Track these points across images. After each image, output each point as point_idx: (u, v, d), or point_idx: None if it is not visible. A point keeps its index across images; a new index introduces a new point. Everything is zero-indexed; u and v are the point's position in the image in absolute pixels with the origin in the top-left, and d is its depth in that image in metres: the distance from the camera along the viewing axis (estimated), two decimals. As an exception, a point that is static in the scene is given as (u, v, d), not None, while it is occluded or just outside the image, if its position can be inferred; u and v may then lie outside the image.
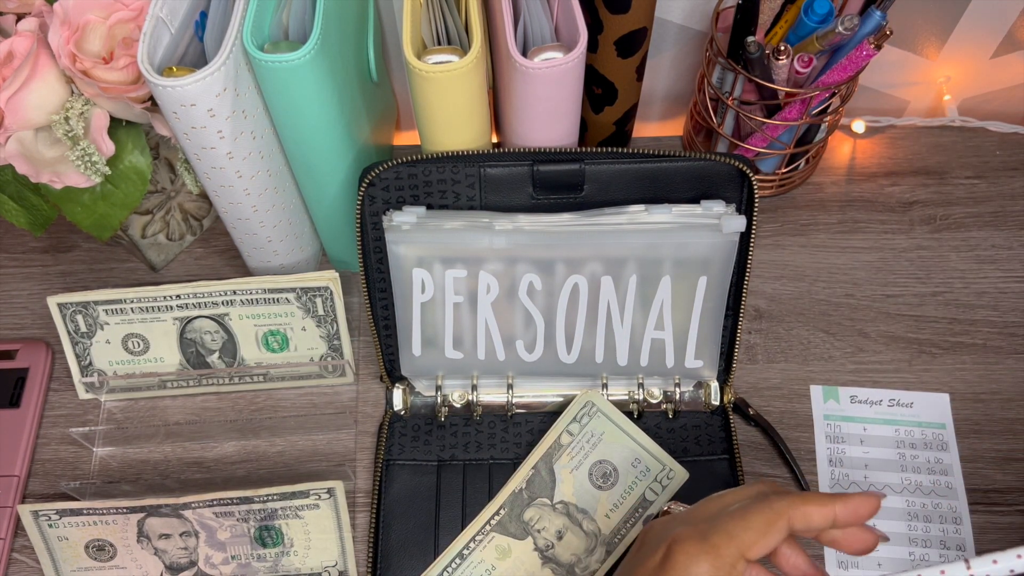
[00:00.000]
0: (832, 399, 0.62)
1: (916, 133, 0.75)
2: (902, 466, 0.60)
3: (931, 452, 0.60)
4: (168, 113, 0.49)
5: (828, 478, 0.60)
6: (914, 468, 0.60)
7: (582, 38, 0.50)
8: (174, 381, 0.63)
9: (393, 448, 0.60)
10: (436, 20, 0.54)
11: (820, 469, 0.60)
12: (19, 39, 0.53)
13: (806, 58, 0.59)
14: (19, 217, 0.60)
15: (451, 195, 0.56)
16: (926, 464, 0.60)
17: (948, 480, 0.59)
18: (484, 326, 0.59)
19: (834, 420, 0.62)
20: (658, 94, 0.75)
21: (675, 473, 0.57)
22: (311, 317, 0.61)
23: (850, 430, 0.61)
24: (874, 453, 0.61)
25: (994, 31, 0.69)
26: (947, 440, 0.61)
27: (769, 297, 0.67)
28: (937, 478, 0.60)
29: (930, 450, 0.60)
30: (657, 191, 0.56)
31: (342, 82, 0.53)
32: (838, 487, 0.59)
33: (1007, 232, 0.70)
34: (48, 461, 0.62)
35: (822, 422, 0.62)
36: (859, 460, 0.60)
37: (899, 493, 0.59)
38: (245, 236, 0.61)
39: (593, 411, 0.59)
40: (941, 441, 0.61)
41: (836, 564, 0.57)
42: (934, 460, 0.60)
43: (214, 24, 0.52)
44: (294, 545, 0.57)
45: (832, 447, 0.61)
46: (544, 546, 0.56)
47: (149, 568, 0.56)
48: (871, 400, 0.62)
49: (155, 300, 0.60)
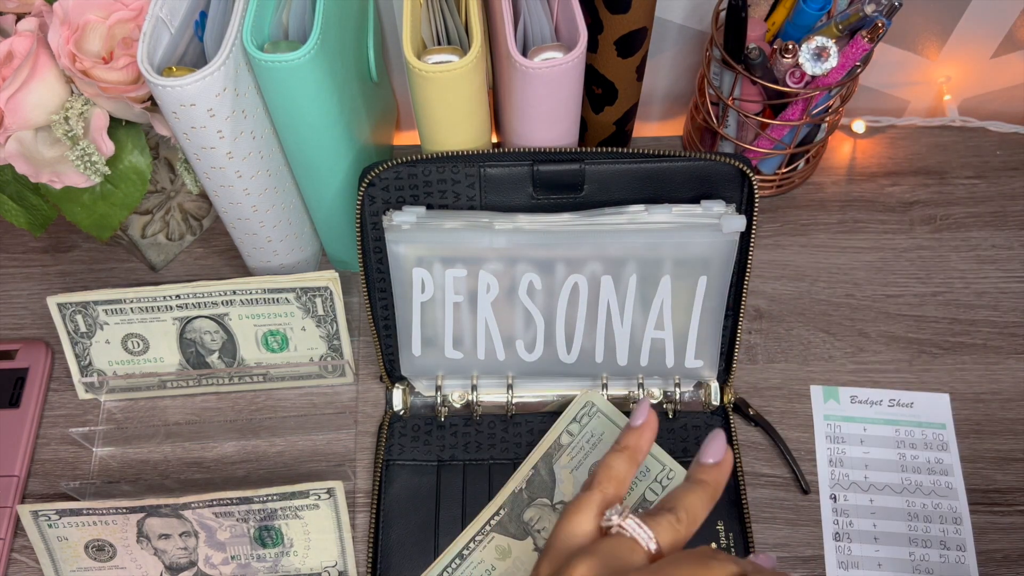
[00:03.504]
0: (832, 399, 0.63)
1: (916, 133, 0.75)
2: (902, 466, 0.60)
3: (931, 452, 0.60)
4: (168, 113, 0.49)
5: (828, 478, 0.60)
6: (914, 468, 0.60)
7: (582, 38, 0.50)
8: (174, 381, 0.63)
9: (393, 448, 0.60)
10: (436, 20, 0.54)
11: (820, 469, 0.60)
12: (19, 39, 0.53)
13: (798, 74, 0.59)
14: (19, 217, 0.60)
15: (451, 195, 0.56)
16: (926, 464, 0.60)
17: (948, 480, 0.59)
18: (484, 326, 0.59)
19: (834, 420, 0.62)
20: (658, 94, 0.75)
21: (675, 473, 0.57)
22: (311, 317, 0.61)
23: (850, 430, 0.61)
24: (874, 453, 0.61)
25: (994, 31, 0.69)
26: (947, 440, 0.61)
27: (769, 297, 0.67)
28: (937, 478, 0.60)
29: (930, 450, 0.60)
30: (657, 191, 0.56)
31: (342, 82, 0.53)
32: (838, 487, 0.59)
33: (1007, 232, 0.70)
34: (48, 461, 0.62)
35: (822, 422, 0.62)
36: (859, 460, 0.60)
37: (899, 493, 0.59)
38: (245, 236, 0.61)
39: (593, 411, 0.59)
40: (941, 441, 0.61)
41: (837, 565, 0.57)
42: (934, 460, 0.60)
43: (214, 24, 0.52)
44: (294, 545, 0.57)
45: (832, 447, 0.61)
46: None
47: (149, 568, 0.56)
48: (871, 400, 0.62)
49: (155, 300, 0.60)
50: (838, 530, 0.58)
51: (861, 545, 0.58)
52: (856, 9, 0.57)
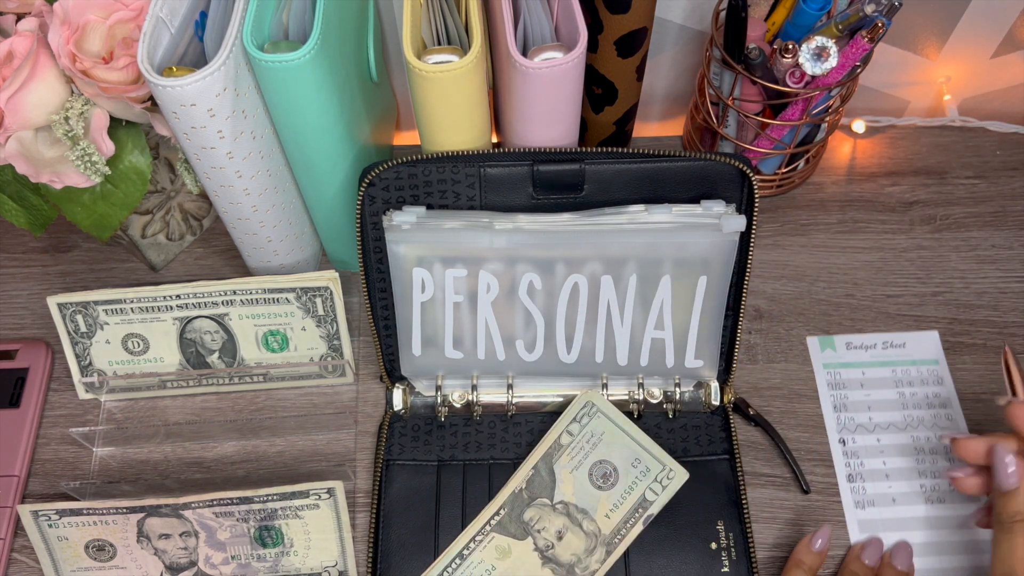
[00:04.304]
0: (829, 348, 0.65)
1: (916, 133, 0.75)
2: (903, 404, 0.63)
3: (928, 388, 0.63)
4: (168, 113, 0.49)
5: (835, 423, 0.62)
6: (914, 404, 0.62)
7: (582, 38, 0.50)
8: (174, 381, 0.63)
9: (393, 448, 0.60)
10: (436, 20, 0.54)
11: (826, 415, 0.62)
12: (19, 39, 0.53)
13: (798, 74, 0.59)
14: (19, 217, 0.60)
15: (451, 195, 0.56)
16: (925, 400, 0.63)
17: (948, 412, 0.62)
18: (484, 326, 0.59)
19: (833, 368, 0.64)
20: (658, 94, 0.75)
21: (675, 473, 0.57)
22: (311, 317, 0.61)
23: (850, 376, 0.64)
24: (875, 395, 0.63)
25: (994, 31, 0.69)
26: (941, 375, 0.63)
27: (769, 297, 0.67)
28: (937, 411, 0.62)
29: (927, 386, 0.63)
30: (657, 191, 0.56)
31: (342, 82, 0.53)
32: (846, 431, 0.61)
33: (1007, 232, 0.70)
34: (48, 461, 0.62)
35: (823, 371, 0.64)
36: (862, 403, 0.63)
37: (903, 430, 0.62)
38: (245, 236, 0.61)
39: (593, 411, 0.59)
40: (936, 376, 0.63)
41: (854, 505, 0.59)
42: (932, 395, 0.63)
43: (214, 24, 0.52)
44: (294, 545, 0.57)
45: (835, 393, 0.63)
46: (544, 546, 0.56)
47: (149, 568, 0.56)
48: (866, 345, 0.65)
49: (155, 300, 0.60)
50: (851, 472, 0.60)
51: (874, 483, 0.60)
52: (856, 9, 0.57)
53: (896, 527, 0.58)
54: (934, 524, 0.58)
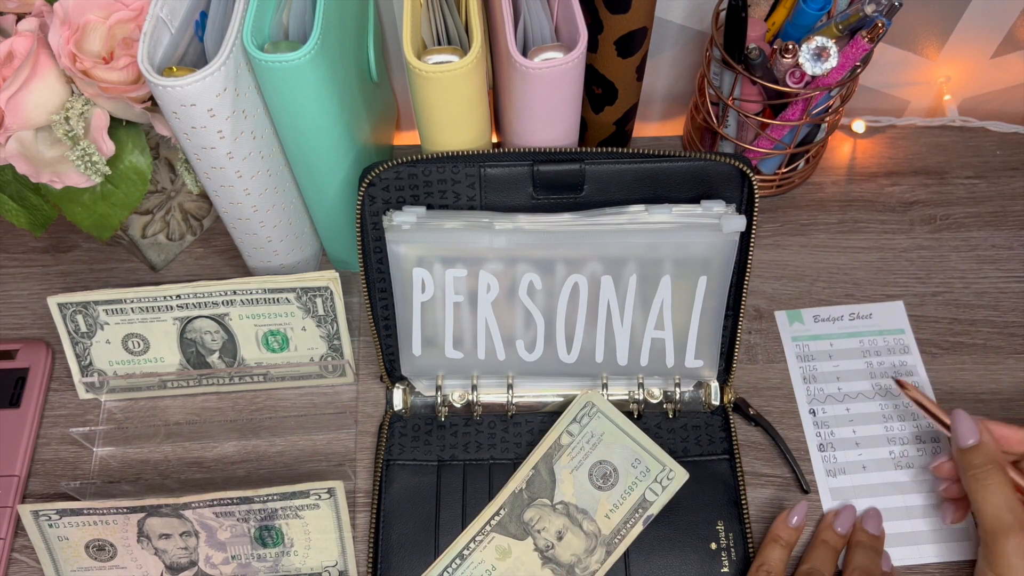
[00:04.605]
0: (797, 321, 0.66)
1: (916, 133, 0.75)
2: (871, 373, 0.64)
3: (895, 356, 0.64)
4: (168, 113, 0.49)
5: (805, 395, 0.63)
6: (882, 373, 0.64)
7: (582, 38, 0.50)
8: (174, 381, 0.63)
9: (393, 448, 0.60)
10: (436, 20, 0.54)
11: (796, 388, 0.63)
12: (19, 39, 0.53)
13: (798, 74, 0.59)
14: (19, 217, 0.60)
15: (451, 195, 0.56)
16: (892, 368, 0.64)
17: (914, 380, 0.63)
18: (484, 326, 0.59)
19: (802, 340, 0.65)
20: (658, 94, 0.75)
21: (675, 473, 0.57)
22: (311, 317, 0.61)
23: (818, 347, 0.65)
24: (844, 365, 0.64)
25: (994, 31, 0.69)
26: (908, 344, 0.65)
27: (769, 297, 0.67)
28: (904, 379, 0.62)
29: (894, 355, 0.64)
30: (657, 191, 0.56)
31: (342, 82, 0.53)
32: (815, 401, 0.63)
33: (1007, 232, 0.70)
34: (48, 461, 0.62)
35: (791, 344, 0.65)
36: (831, 374, 0.64)
37: (871, 399, 0.63)
38: (245, 236, 0.61)
39: (593, 411, 0.59)
40: (902, 345, 0.65)
41: (825, 473, 0.60)
42: (899, 364, 0.64)
43: (214, 24, 0.52)
44: (294, 545, 0.57)
45: (804, 365, 0.64)
46: (544, 546, 0.56)
47: (149, 568, 0.56)
48: (832, 317, 0.66)
49: (155, 300, 0.60)
50: (821, 441, 0.61)
51: (844, 452, 0.61)
52: (856, 9, 0.57)
53: (867, 493, 0.59)
54: (904, 489, 0.59)
